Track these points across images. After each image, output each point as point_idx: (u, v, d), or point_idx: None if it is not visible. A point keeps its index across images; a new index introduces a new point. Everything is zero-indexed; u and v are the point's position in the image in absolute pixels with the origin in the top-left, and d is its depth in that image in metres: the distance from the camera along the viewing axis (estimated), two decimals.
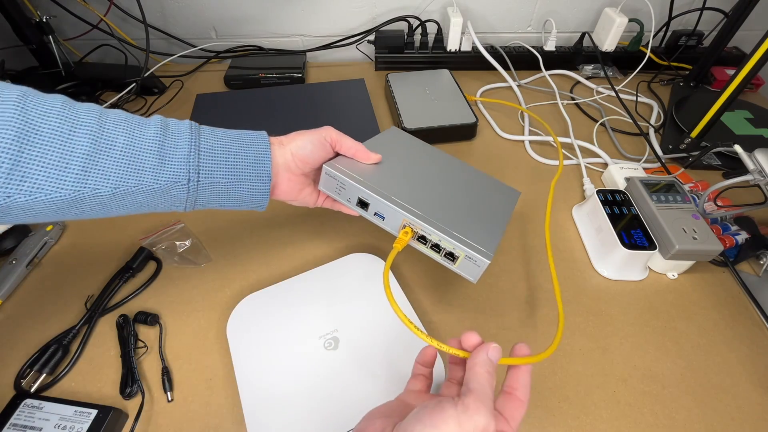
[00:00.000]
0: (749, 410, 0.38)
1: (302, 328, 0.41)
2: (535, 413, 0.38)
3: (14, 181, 0.27)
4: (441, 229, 0.38)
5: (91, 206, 0.31)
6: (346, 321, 0.41)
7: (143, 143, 0.32)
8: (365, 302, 0.43)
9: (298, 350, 0.39)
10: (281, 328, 0.41)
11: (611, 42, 0.80)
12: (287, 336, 0.40)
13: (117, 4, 0.77)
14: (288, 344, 0.40)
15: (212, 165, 0.35)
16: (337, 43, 0.84)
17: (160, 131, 0.33)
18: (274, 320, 0.41)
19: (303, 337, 0.40)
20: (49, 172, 0.28)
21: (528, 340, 0.43)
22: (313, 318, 0.41)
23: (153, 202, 0.33)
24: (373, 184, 0.40)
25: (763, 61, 0.51)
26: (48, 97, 0.29)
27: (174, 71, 0.80)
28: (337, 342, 0.40)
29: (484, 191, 0.47)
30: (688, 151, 0.62)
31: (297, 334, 0.40)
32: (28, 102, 0.27)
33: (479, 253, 0.36)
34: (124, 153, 0.31)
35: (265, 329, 0.41)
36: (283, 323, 0.41)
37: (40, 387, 0.38)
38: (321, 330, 0.40)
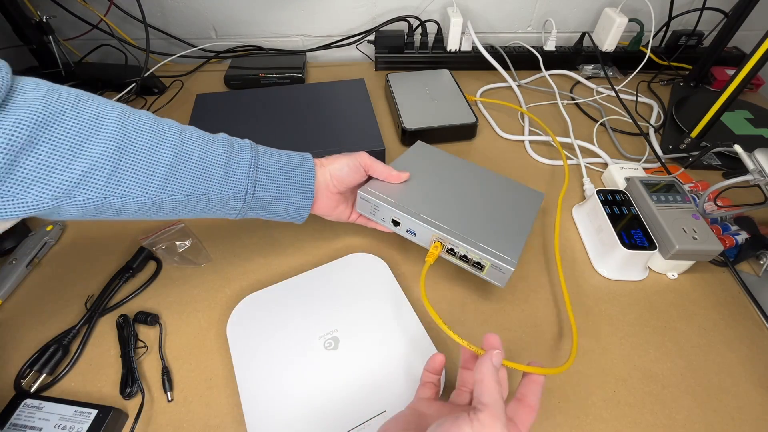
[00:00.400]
0: (749, 410, 0.38)
1: (302, 328, 0.41)
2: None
3: (112, 185, 0.31)
4: (468, 242, 0.41)
5: (165, 209, 0.35)
6: (346, 321, 0.41)
7: (213, 158, 0.36)
8: (365, 302, 0.43)
9: (298, 350, 0.39)
10: (281, 328, 0.41)
11: (611, 42, 0.80)
12: (287, 336, 0.40)
13: (117, 4, 0.77)
14: (288, 344, 0.40)
15: (267, 181, 0.39)
16: (337, 43, 0.84)
17: (227, 148, 0.37)
18: (274, 320, 0.41)
19: (303, 337, 0.40)
20: (139, 178, 0.32)
21: (527, 340, 0.43)
22: (313, 318, 0.41)
23: (214, 208, 0.38)
24: (404, 204, 0.44)
25: (763, 61, 0.51)
26: (140, 113, 0.34)
27: (174, 71, 0.80)
28: (337, 342, 0.40)
29: (509, 197, 0.50)
30: (688, 151, 0.62)
31: (297, 334, 0.40)
32: (126, 117, 0.32)
33: (504, 261, 0.40)
34: (198, 165, 0.35)
35: (265, 329, 0.41)
36: (283, 323, 0.41)
37: (40, 387, 0.38)
38: (321, 330, 0.40)
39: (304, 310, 0.42)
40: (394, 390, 0.37)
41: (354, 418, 0.35)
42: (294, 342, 0.40)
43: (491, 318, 0.45)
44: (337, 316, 0.42)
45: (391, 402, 0.36)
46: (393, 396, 0.36)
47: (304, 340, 0.40)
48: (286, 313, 0.42)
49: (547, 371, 0.38)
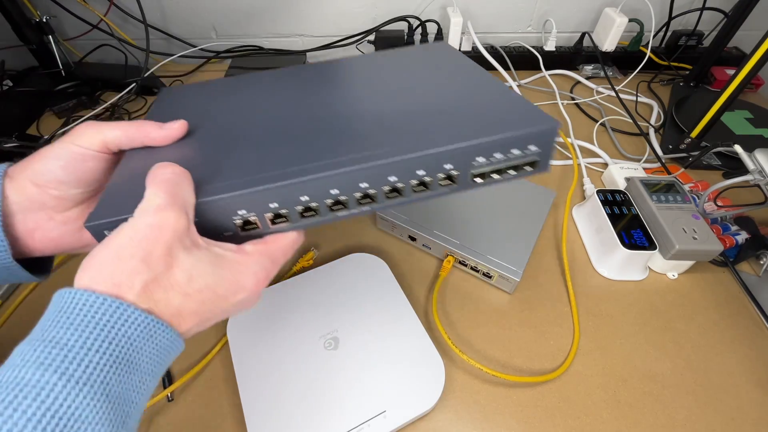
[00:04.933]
0: (749, 410, 0.38)
1: (302, 328, 0.41)
2: (535, 413, 0.38)
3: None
4: (477, 255, 0.44)
5: None
6: (346, 321, 0.41)
7: None
8: (365, 302, 0.43)
9: (298, 350, 0.39)
10: (281, 327, 0.41)
11: (611, 42, 0.80)
12: (287, 336, 0.40)
13: (117, 4, 0.77)
14: (288, 344, 0.40)
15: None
16: (337, 43, 0.84)
17: None
18: (274, 320, 0.41)
19: (303, 337, 0.40)
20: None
21: (527, 340, 0.43)
22: (313, 318, 0.41)
23: None
24: (419, 221, 0.45)
25: (763, 61, 0.51)
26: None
27: (174, 71, 0.80)
28: (337, 342, 0.40)
29: (519, 196, 0.51)
30: (688, 151, 0.62)
31: (297, 334, 0.40)
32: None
33: (510, 272, 0.43)
34: None
35: (265, 329, 0.41)
36: (283, 323, 0.41)
37: None
38: (321, 330, 0.40)
39: (304, 310, 0.42)
40: (394, 390, 0.37)
41: (354, 418, 0.35)
42: (294, 342, 0.40)
43: (491, 318, 0.45)
44: (337, 316, 0.42)
45: (391, 402, 0.36)
46: (393, 396, 0.36)
47: (304, 340, 0.40)
48: (286, 312, 0.42)
49: (545, 378, 0.38)
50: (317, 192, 0.24)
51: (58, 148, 0.26)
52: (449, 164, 0.25)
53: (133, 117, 0.70)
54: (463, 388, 0.39)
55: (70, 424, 0.17)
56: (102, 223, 0.22)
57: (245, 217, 0.24)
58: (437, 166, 0.25)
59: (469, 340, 0.43)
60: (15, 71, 0.75)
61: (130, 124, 0.27)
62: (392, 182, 0.25)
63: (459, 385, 0.40)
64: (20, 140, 0.60)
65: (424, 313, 0.45)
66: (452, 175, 0.26)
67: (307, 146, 0.26)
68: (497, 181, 0.27)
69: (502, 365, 0.41)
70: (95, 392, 0.18)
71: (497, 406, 0.38)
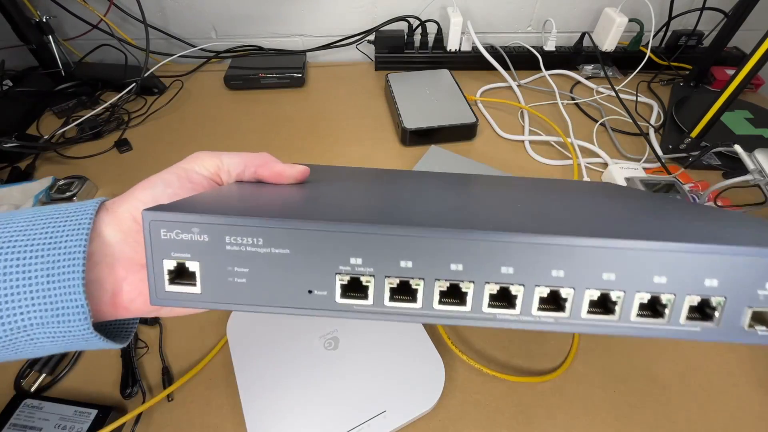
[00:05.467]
0: (749, 410, 0.38)
1: (302, 328, 0.41)
2: (536, 413, 0.38)
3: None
4: None
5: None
6: (346, 321, 0.41)
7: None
8: None
9: (298, 350, 0.39)
10: (281, 327, 0.41)
11: (611, 42, 0.80)
12: (287, 336, 0.40)
13: (117, 4, 0.77)
14: (288, 344, 0.40)
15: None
16: (337, 43, 0.84)
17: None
18: (274, 320, 0.41)
19: (303, 337, 0.40)
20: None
21: (527, 340, 0.43)
22: (313, 318, 0.41)
23: None
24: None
25: (763, 61, 0.51)
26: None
27: (174, 71, 0.80)
28: (337, 342, 0.40)
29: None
30: (688, 151, 0.62)
31: (297, 333, 0.40)
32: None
33: None
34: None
35: (265, 329, 0.41)
36: (283, 323, 0.41)
37: (40, 387, 0.38)
38: (321, 330, 0.40)
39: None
40: (394, 390, 0.37)
41: (354, 418, 0.35)
42: (294, 342, 0.40)
43: None
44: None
45: (391, 402, 0.36)
46: (393, 396, 0.36)
47: (304, 340, 0.40)
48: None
49: (545, 378, 0.38)
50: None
51: (167, 174, 0.23)
52: (713, 279, 0.16)
53: (133, 117, 0.70)
54: (463, 388, 0.39)
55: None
56: (161, 214, 0.17)
57: (359, 271, 0.17)
58: (695, 279, 0.16)
59: (469, 340, 0.43)
60: (15, 71, 0.75)
61: (250, 153, 0.25)
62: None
63: (459, 385, 0.40)
64: (20, 140, 0.60)
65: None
66: (711, 304, 0.16)
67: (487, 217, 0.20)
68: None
69: (502, 365, 0.41)
70: None
71: (497, 406, 0.38)
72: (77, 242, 0.18)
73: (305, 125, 0.70)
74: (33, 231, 0.19)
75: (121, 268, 0.20)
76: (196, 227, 0.17)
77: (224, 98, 0.76)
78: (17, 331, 0.18)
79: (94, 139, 0.66)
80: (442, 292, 0.17)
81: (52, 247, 0.18)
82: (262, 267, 0.17)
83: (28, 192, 0.54)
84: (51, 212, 0.20)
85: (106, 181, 0.59)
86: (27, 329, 0.18)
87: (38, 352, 0.20)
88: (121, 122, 0.69)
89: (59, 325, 0.18)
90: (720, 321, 0.16)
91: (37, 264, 0.18)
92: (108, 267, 0.20)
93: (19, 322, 0.18)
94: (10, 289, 0.18)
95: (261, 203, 0.21)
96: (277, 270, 0.17)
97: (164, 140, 0.67)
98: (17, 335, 0.18)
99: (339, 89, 0.78)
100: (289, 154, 0.65)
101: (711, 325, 0.16)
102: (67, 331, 0.19)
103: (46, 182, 0.55)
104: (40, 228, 0.19)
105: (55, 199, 0.54)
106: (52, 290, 0.18)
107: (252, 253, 0.17)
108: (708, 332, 0.16)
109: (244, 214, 0.17)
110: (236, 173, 0.24)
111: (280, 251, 0.17)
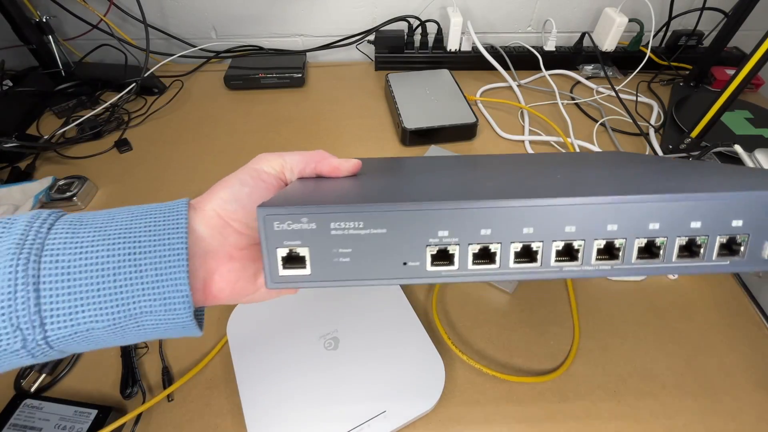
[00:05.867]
0: (749, 410, 0.38)
1: (302, 328, 0.41)
2: (536, 413, 0.38)
3: None
4: None
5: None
6: (346, 321, 0.41)
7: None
8: (365, 302, 0.43)
9: (298, 350, 0.39)
10: (281, 327, 0.41)
11: (611, 42, 0.80)
12: (287, 336, 0.40)
13: (117, 4, 0.77)
14: (288, 344, 0.40)
15: (67, 305, 0.19)
16: (337, 43, 0.84)
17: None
18: (274, 320, 0.41)
19: (303, 337, 0.40)
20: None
21: (527, 340, 0.43)
22: (313, 318, 0.41)
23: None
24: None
25: (763, 61, 0.51)
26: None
27: (174, 71, 0.80)
28: (337, 342, 0.40)
29: None
30: (689, 151, 0.62)
31: (297, 334, 0.40)
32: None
33: None
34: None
35: (265, 329, 0.41)
36: (283, 323, 0.41)
37: (40, 387, 0.38)
38: (321, 330, 0.40)
39: (304, 310, 0.42)
40: (394, 390, 0.37)
41: (354, 418, 0.35)
42: (294, 342, 0.40)
43: (491, 318, 0.45)
44: (337, 316, 0.42)
45: (391, 402, 0.36)
46: (393, 396, 0.36)
47: (304, 340, 0.40)
48: (286, 312, 0.42)
49: (545, 378, 0.38)
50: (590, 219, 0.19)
51: (242, 174, 0.25)
52: (738, 220, 0.19)
53: (133, 117, 0.70)
54: (463, 389, 0.39)
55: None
56: (275, 209, 0.19)
57: (446, 242, 0.20)
58: (724, 220, 0.19)
59: (469, 340, 0.43)
60: (15, 71, 0.75)
61: (309, 151, 0.28)
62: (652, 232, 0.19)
63: (459, 386, 0.40)
64: (20, 140, 0.60)
65: (424, 312, 0.45)
66: (736, 241, 0.19)
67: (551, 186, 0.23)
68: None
69: (502, 365, 0.41)
70: None
71: (497, 406, 0.38)
72: (179, 239, 0.21)
73: (305, 125, 0.70)
74: (137, 230, 0.21)
75: (212, 260, 0.23)
76: (305, 217, 0.19)
77: (224, 98, 0.76)
78: (129, 318, 0.20)
79: (94, 139, 0.66)
80: (516, 252, 0.20)
81: (157, 244, 0.21)
82: (363, 246, 0.20)
83: (28, 192, 0.54)
84: (147, 212, 0.22)
85: (106, 181, 0.59)
86: (136, 317, 0.20)
87: (140, 337, 0.22)
88: (121, 122, 0.69)
89: (165, 314, 0.21)
90: (745, 254, 0.20)
91: (146, 259, 0.20)
92: (201, 259, 0.22)
93: (132, 310, 0.20)
94: (125, 281, 0.20)
95: (344, 193, 0.23)
96: (375, 247, 0.20)
97: (164, 140, 0.67)
98: (128, 322, 0.20)
99: (339, 89, 0.79)
100: None
101: (738, 258, 0.20)
102: (170, 318, 0.21)
103: (46, 182, 0.55)
104: (143, 227, 0.21)
105: (55, 199, 0.54)
106: (161, 282, 0.20)
107: (354, 235, 0.20)
108: (736, 264, 0.20)
109: (345, 202, 0.20)
110: (298, 170, 0.27)
111: (378, 231, 0.20)
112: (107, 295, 0.20)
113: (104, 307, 0.20)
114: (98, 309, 0.20)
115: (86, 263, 0.20)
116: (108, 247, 0.20)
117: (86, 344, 0.21)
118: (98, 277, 0.20)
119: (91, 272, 0.20)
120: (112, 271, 0.20)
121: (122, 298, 0.20)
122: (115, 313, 0.20)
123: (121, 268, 0.20)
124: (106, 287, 0.20)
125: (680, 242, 0.19)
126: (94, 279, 0.20)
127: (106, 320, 0.20)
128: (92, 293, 0.20)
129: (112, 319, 0.20)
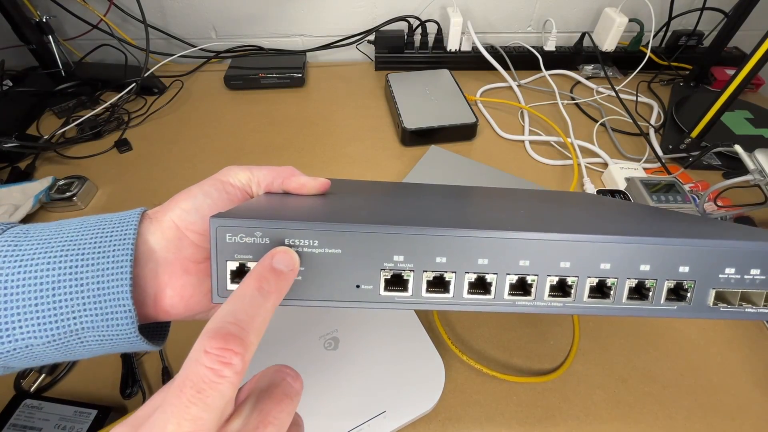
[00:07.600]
0: (749, 410, 0.38)
1: (302, 328, 0.41)
2: (536, 413, 0.38)
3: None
4: None
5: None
6: (346, 321, 0.41)
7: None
8: None
9: (298, 350, 0.39)
10: (281, 327, 0.41)
11: (611, 42, 0.80)
12: (287, 336, 0.40)
13: (117, 4, 0.77)
14: (288, 344, 0.40)
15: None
16: (337, 43, 0.84)
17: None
18: (273, 320, 0.41)
19: (303, 337, 0.40)
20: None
21: (527, 340, 0.43)
22: (313, 318, 0.41)
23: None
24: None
25: (763, 61, 0.51)
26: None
27: (174, 71, 0.80)
28: (337, 342, 0.40)
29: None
30: (688, 151, 0.62)
31: (297, 334, 0.40)
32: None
33: None
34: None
35: (265, 329, 0.41)
36: (283, 323, 0.41)
37: (40, 387, 0.38)
38: (321, 330, 0.40)
39: (304, 310, 0.42)
40: (394, 390, 0.37)
41: (354, 418, 0.35)
42: (294, 342, 0.40)
43: (491, 318, 0.45)
44: (337, 316, 0.42)
45: (391, 402, 0.36)
46: (393, 396, 0.36)
47: (304, 340, 0.40)
48: (286, 312, 0.42)
49: (545, 378, 0.38)
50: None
51: (207, 185, 0.24)
52: (685, 266, 0.19)
53: (133, 117, 0.70)
54: (463, 389, 0.39)
55: None
56: (229, 221, 0.18)
57: (401, 267, 0.19)
58: (671, 265, 0.19)
59: (469, 340, 0.43)
60: (15, 71, 0.75)
61: (277, 167, 0.26)
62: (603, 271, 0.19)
63: (459, 386, 0.40)
64: (20, 140, 0.60)
65: (423, 312, 0.45)
66: (683, 286, 0.20)
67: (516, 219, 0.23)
68: (734, 314, 0.20)
69: (502, 365, 0.41)
70: None
71: (497, 406, 0.38)
72: (123, 251, 0.20)
73: (305, 125, 0.70)
74: (83, 240, 0.20)
75: (164, 274, 0.22)
76: (259, 231, 0.19)
77: (224, 98, 0.76)
78: (70, 334, 0.20)
79: (94, 139, 0.66)
80: (470, 283, 0.20)
81: (100, 256, 0.20)
82: (317, 265, 0.19)
83: (28, 192, 0.54)
84: (97, 222, 0.21)
85: (106, 181, 0.59)
86: (79, 332, 0.20)
87: (86, 354, 0.21)
88: (121, 122, 0.69)
89: (108, 329, 0.20)
90: (692, 300, 0.20)
91: (87, 272, 0.19)
92: (152, 272, 0.22)
93: (72, 326, 0.19)
94: (64, 296, 0.19)
95: (305, 210, 0.22)
96: (329, 268, 0.19)
97: (164, 140, 0.67)
98: (70, 338, 0.20)
99: (339, 89, 0.79)
100: (289, 154, 0.65)
101: (684, 304, 0.20)
102: (114, 334, 0.20)
103: (46, 182, 0.55)
104: (89, 237, 0.20)
105: (55, 199, 0.54)
106: (102, 296, 0.19)
107: (308, 253, 0.19)
108: (682, 310, 0.20)
109: (300, 219, 0.19)
110: (266, 184, 0.26)
111: (333, 251, 0.19)
112: (45, 310, 0.19)
113: (43, 323, 0.19)
114: (36, 325, 0.19)
115: (24, 277, 0.19)
116: (49, 260, 0.19)
117: (30, 360, 0.20)
118: (36, 292, 0.19)
119: (29, 286, 0.19)
120: (51, 285, 0.19)
121: (61, 313, 0.19)
122: (55, 329, 0.19)
123: (61, 282, 0.19)
124: (44, 302, 0.19)
125: (630, 284, 0.20)
126: (32, 293, 0.19)
127: (45, 336, 0.19)
128: (29, 308, 0.19)
129: (51, 335, 0.19)
